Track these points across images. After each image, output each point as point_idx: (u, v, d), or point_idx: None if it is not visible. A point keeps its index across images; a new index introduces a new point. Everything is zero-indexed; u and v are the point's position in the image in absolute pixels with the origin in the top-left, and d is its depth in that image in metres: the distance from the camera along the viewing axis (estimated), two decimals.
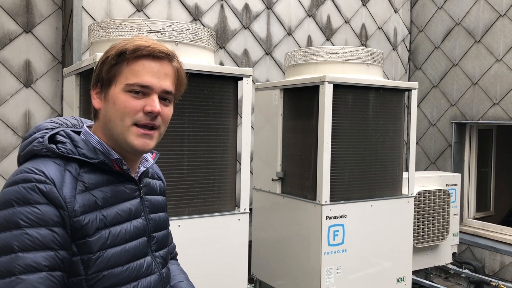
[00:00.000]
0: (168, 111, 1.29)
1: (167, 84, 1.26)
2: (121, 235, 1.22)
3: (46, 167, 1.15)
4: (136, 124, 1.22)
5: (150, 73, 1.23)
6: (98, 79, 1.27)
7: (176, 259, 1.68)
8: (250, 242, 3.06)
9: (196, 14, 4.75)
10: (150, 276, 1.29)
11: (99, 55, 2.46)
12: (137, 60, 1.22)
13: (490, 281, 4.80)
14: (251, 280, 4.14)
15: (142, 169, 1.36)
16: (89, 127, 1.33)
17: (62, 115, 3.99)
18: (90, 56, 2.74)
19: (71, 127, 1.33)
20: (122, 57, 1.22)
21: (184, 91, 1.35)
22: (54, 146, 1.20)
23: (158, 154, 1.48)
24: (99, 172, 1.24)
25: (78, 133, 1.30)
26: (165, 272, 1.37)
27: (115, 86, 1.23)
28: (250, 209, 3.03)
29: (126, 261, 1.23)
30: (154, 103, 1.22)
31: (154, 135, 1.25)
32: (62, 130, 1.26)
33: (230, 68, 2.97)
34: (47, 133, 1.24)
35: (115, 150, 1.27)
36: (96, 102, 1.28)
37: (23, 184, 1.12)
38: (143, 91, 1.22)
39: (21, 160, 1.24)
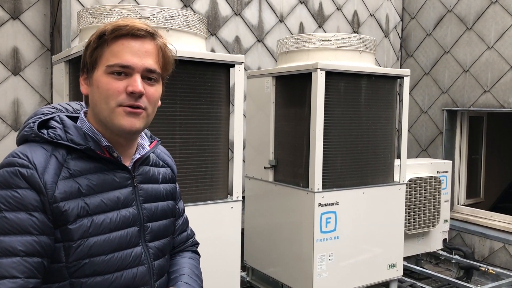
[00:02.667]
0: (154, 91, 1.25)
1: (150, 62, 1.22)
2: (105, 224, 1.20)
3: (32, 152, 1.16)
4: (121, 106, 1.20)
5: (130, 53, 1.20)
6: (83, 64, 1.26)
7: (193, 252, 1.59)
8: (242, 230, 3.06)
9: (186, 0, 4.69)
10: (136, 267, 1.26)
11: None
12: (116, 40, 1.20)
13: (480, 266, 4.86)
14: (243, 267, 4.15)
15: (137, 156, 1.33)
16: (86, 113, 1.31)
17: (51, 103, 3.94)
18: (79, 43, 2.70)
19: (72, 113, 1.32)
20: (102, 39, 1.20)
21: (172, 70, 1.31)
22: (44, 131, 1.20)
23: (159, 141, 1.45)
24: (87, 159, 1.22)
25: (77, 118, 1.29)
26: (157, 264, 1.33)
27: (97, 69, 1.21)
28: (243, 197, 3.03)
29: (110, 250, 1.20)
30: (136, 83, 1.19)
31: (141, 114, 1.22)
32: (58, 116, 1.25)
33: (222, 55, 2.94)
34: (41, 118, 1.24)
35: (106, 136, 1.25)
36: (83, 88, 1.27)
37: (7, 168, 1.13)
38: (124, 71, 1.20)
39: (17, 145, 1.25)
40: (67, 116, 1.28)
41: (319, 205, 3.42)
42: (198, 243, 1.63)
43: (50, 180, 1.13)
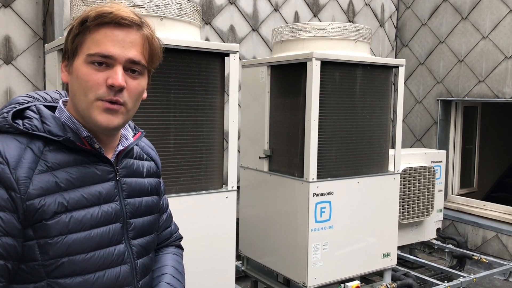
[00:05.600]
0: (137, 84, 1.17)
1: (133, 53, 1.14)
2: (86, 220, 1.13)
3: (4, 145, 1.08)
4: (100, 100, 1.13)
5: (112, 42, 1.12)
6: (65, 50, 1.19)
7: (177, 246, 1.56)
8: (237, 219, 3.06)
9: None
10: (119, 266, 1.19)
11: None
12: (99, 28, 1.12)
13: (473, 255, 4.90)
14: (238, 257, 4.16)
15: (120, 148, 1.26)
16: (66, 102, 1.24)
17: None
18: None
19: (50, 102, 1.25)
20: (84, 25, 1.13)
21: (158, 62, 1.24)
22: (19, 121, 1.12)
23: (144, 133, 1.37)
24: (66, 151, 1.14)
25: (55, 108, 1.22)
26: (140, 263, 1.26)
27: (78, 57, 1.14)
28: (238, 187, 3.03)
29: (91, 248, 1.13)
30: (117, 75, 1.11)
31: (119, 110, 1.14)
32: (34, 105, 1.17)
33: (216, 44, 2.92)
34: (16, 107, 1.16)
35: (86, 127, 1.18)
36: (63, 75, 1.20)
37: None
38: (106, 62, 1.12)
39: None
40: (44, 105, 1.20)
41: (314, 195, 3.42)
42: (181, 237, 1.59)
43: (24, 175, 1.06)
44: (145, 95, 1.24)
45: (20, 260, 1.08)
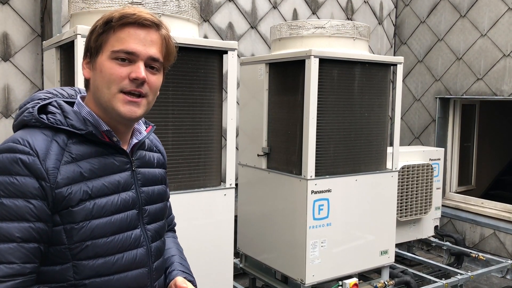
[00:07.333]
0: (156, 79, 1.28)
1: (154, 51, 1.26)
2: (107, 207, 1.23)
3: (33, 138, 1.17)
4: (122, 92, 1.23)
5: (135, 40, 1.23)
6: (87, 48, 1.29)
7: (174, 231, 1.69)
8: (235, 217, 3.07)
9: None
10: (136, 249, 1.30)
11: (79, 27, 2.39)
12: (123, 27, 1.23)
13: (470, 252, 4.92)
14: (237, 254, 4.17)
15: (135, 141, 1.37)
16: (83, 98, 1.34)
17: (42, 90, 3.89)
18: (70, 29, 2.66)
19: (67, 98, 1.34)
20: (109, 25, 1.23)
21: (173, 61, 1.35)
22: (44, 116, 1.22)
23: (154, 126, 1.48)
24: (88, 144, 1.24)
25: (73, 103, 1.31)
26: (154, 246, 1.37)
27: (102, 54, 1.25)
28: (236, 185, 3.03)
29: (111, 232, 1.24)
30: (139, 70, 1.22)
31: (141, 103, 1.25)
32: (55, 101, 1.27)
33: (214, 41, 2.92)
34: (39, 103, 1.25)
35: (106, 121, 1.28)
36: (85, 71, 1.30)
37: (7, 154, 1.14)
38: (129, 58, 1.23)
39: (14, 130, 1.26)
40: (63, 101, 1.29)
41: (312, 192, 3.43)
42: (176, 223, 1.73)
43: (52, 165, 1.16)
44: (157, 92, 1.34)
45: (49, 243, 1.18)
